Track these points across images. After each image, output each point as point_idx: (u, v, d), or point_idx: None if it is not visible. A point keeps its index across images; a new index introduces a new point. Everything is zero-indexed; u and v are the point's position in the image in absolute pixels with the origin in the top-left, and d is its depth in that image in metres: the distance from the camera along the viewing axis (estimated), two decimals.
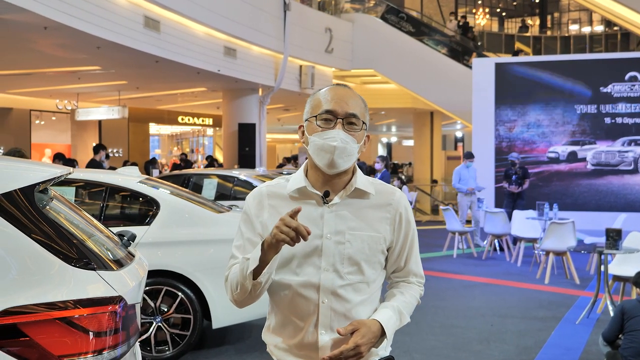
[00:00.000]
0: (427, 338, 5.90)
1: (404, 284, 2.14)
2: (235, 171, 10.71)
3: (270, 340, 2.07)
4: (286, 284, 1.97)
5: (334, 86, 2.02)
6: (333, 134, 1.91)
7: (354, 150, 1.94)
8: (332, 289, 1.95)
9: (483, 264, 10.32)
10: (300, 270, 1.96)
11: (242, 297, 1.95)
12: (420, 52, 19.42)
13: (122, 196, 5.87)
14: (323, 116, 1.94)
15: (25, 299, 2.01)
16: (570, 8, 34.09)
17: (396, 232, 2.05)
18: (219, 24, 13.71)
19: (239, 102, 17.09)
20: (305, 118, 2.00)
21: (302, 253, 1.95)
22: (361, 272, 1.98)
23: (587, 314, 6.65)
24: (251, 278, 1.88)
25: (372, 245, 1.99)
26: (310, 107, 1.99)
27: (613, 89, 14.62)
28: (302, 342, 1.97)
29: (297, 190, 2.01)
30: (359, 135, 1.96)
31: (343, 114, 1.94)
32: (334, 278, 1.95)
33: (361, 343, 1.88)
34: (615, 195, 14.50)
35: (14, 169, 2.41)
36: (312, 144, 1.95)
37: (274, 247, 1.84)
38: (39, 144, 21.88)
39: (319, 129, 1.94)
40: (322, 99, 1.97)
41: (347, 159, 1.93)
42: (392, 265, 2.10)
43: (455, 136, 35.01)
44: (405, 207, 2.07)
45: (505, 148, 14.99)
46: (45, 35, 10.70)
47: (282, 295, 1.99)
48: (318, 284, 1.95)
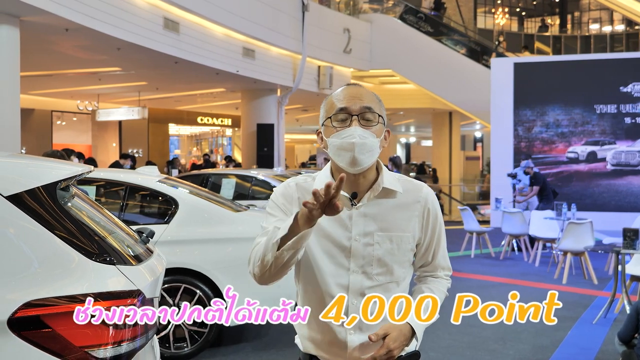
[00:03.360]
0: (442, 337, 5.92)
1: (432, 278, 2.14)
2: (254, 171, 10.79)
3: (301, 331, 2.08)
4: (316, 284, 1.99)
5: (345, 86, 2.02)
6: (350, 132, 1.88)
7: (374, 145, 1.91)
8: (361, 290, 1.96)
9: (501, 264, 10.31)
10: (329, 271, 1.96)
11: (262, 270, 1.89)
12: (438, 52, 19.39)
13: (142, 195, 5.96)
14: (338, 116, 1.92)
15: (47, 292, 2.08)
16: (590, 7, 33.78)
17: (424, 228, 2.04)
18: (237, 25, 13.81)
19: (257, 102, 17.20)
20: (321, 122, 1.98)
21: (331, 254, 1.96)
22: (390, 272, 1.98)
23: (604, 314, 6.63)
24: (275, 248, 1.82)
25: (402, 245, 2.00)
26: (325, 110, 1.97)
27: (633, 88, 14.49)
28: (331, 340, 1.99)
29: None
30: (377, 129, 1.93)
31: (357, 110, 1.91)
32: (363, 280, 1.96)
33: (394, 347, 1.90)
34: (636, 196, 14.38)
35: (36, 167, 2.50)
36: (332, 146, 1.92)
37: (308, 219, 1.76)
38: (61, 145, 22.10)
39: (336, 129, 1.91)
40: (334, 100, 1.95)
41: (368, 154, 1.90)
42: (420, 259, 2.12)
43: (474, 136, 34.85)
44: (433, 202, 2.05)
45: (524, 148, 14.92)
46: (66, 37, 10.87)
47: (312, 295, 2.01)
48: (347, 285, 1.96)
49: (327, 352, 2.01)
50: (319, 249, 1.95)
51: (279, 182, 9.98)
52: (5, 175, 2.27)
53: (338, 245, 1.94)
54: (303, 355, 2.09)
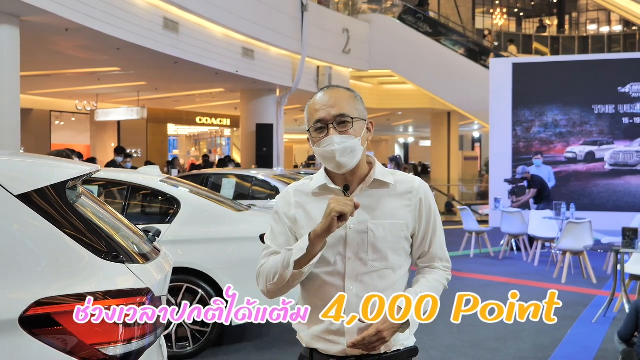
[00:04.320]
0: (443, 336, 5.95)
1: (429, 269, 2.20)
2: (254, 171, 10.80)
3: (300, 327, 2.17)
4: (314, 274, 2.08)
5: (321, 92, 2.12)
6: (329, 141, 2.02)
7: (354, 145, 2.03)
8: (357, 276, 2.05)
9: (500, 264, 10.34)
10: (327, 260, 2.06)
11: (278, 287, 2.05)
12: (437, 53, 19.43)
13: (144, 195, 5.98)
14: (315, 127, 2.06)
15: (57, 290, 2.10)
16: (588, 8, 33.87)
17: (418, 218, 2.12)
18: (237, 25, 13.83)
19: (256, 102, 17.22)
20: (307, 130, 2.13)
21: (328, 244, 2.04)
22: (385, 259, 2.06)
23: (603, 313, 6.67)
24: (292, 268, 1.98)
25: (395, 232, 2.08)
26: (306, 120, 2.12)
27: (631, 89, 14.54)
28: (329, 328, 2.07)
29: (320, 187, 2.12)
30: (355, 129, 2.04)
31: (331, 119, 2.03)
32: (359, 266, 2.05)
33: (383, 329, 1.97)
34: (634, 196, 14.42)
35: (46, 166, 2.52)
36: (317, 154, 2.08)
37: (326, 232, 1.95)
38: (59, 145, 22.12)
39: (316, 139, 2.06)
40: (312, 110, 2.09)
41: (350, 155, 2.02)
42: (417, 251, 2.18)
43: (472, 136, 34.91)
44: (426, 194, 2.14)
45: (522, 148, 14.96)
46: (66, 37, 10.88)
47: (311, 285, 2.10)
48: (344, 272, 2.05)
49: (325, 342, 2.07)
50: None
51: (279, 182, 10.02)
52: (16, 175, 2.29)
53: (333, 235, 2.02)
54: (304, 350, 2.15)
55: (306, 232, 2.02)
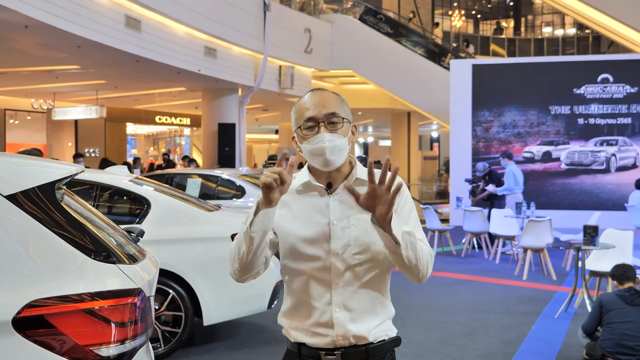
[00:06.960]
0: (413, 333, 6.04)
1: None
2: (218, 171, 10.76)
3: (285, 322, 2.21)
4: (300, 270, 2.13)
5: (310, 93, 2.19)
6: (320, 138, 2.09)
7: (343, 144, 2.11)
8: (343, 269, 2.11)
9: (463, 262, 10.52)
10: (312, 256, 2.12)
11: (240, 263, 2.07)
12: (398, 53, 19.62)
13: (113, 195, 5.92)
14: (306, 124, 2.11)
15: (50, 292, 2.10)
16: (543, 11, 34.63)
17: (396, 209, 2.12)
18: (200, 24, 13.74)
19: (218, 102, 17.12)
20: (294, 129, 2.19)
21: (313, 240, 2.11)
22: (369, 251, 2.12)
23: (565, 309, 6.86)
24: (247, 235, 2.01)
25: None
26: (295, 119, 2.17)
27: (586, 90, 14.96)
28: (318, 321, 2.12)
29: (303, 184, 2.18)
30: (343, 130, 2.12)
31: (323, 117, 2.10)
32: (344, 259, 2.11)
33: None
34: (588, 194, 14.85)
35: (34, 167, 2.50)
36: (305, 151, 2.13)
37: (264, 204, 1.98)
38: (14, 144, 21.62)
39: (306, 136, 2.11)
40: (302, 109, 2.15)
41: (338, 154, 2.10)
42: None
43: (431, 136, 35.35)
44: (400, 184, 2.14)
45: (482, 148, 15.26)
46: (26, 34, 10.65)
47: (297, 281, 2.16)
48: (329, 266, 2.11)
49: (314, 335, 2.12)
50: (300, 237, 2.11)
51: (245, 182, 10.01)
52: (5, 175, 2.27)
53: (318, 231, 2.10)
54: (292, 344, 2.19)
55: (289, 227, 2.12)
